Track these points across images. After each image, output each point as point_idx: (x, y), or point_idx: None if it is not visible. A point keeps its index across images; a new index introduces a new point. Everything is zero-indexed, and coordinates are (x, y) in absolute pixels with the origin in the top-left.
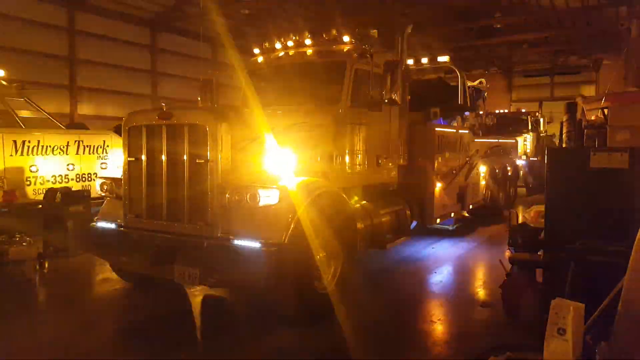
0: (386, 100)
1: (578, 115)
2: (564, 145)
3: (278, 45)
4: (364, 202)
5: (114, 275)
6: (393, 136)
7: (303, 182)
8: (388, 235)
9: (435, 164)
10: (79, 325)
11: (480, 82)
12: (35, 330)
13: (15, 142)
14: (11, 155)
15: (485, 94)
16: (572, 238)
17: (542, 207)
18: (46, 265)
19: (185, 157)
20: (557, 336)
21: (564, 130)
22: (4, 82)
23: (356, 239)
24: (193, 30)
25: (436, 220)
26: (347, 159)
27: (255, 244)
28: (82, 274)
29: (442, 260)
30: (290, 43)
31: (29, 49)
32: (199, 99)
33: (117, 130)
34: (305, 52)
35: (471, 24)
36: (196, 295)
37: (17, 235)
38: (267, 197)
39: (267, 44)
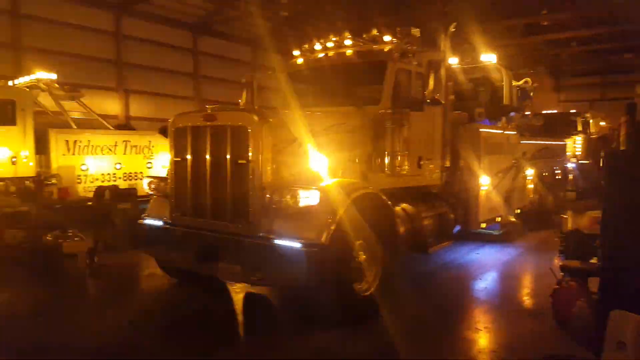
0: (428, 100)
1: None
2: (621, 148)
3: (317, 47)
4: (405, 204)
5: (159, 271)
6: (436, 137)
7: (343, 183)
8: (430, 239)
9: (480, 166)
10: (125, 318)
11: (526, 82)
12: (83, 322)
13: (67, 142)
14: (64, 155)
15: (532, 93)
16: (633, 245)
17: (597, 213)
18: (96, 259)
19: (227, 158)
20: (616, 350)
21: (622, 132)
22: (56, 85)
23: (397, 242)
24: (233, 33)
25: (481, 225)
26: (387, 160)
27: (295, 244)
28: (129, 269)
29: (487, 266)
30: (329, 44)
31: (79, 53)
32: (240, 101)
33: (162, 131)
34: (345, 53)
35: (516, 21)
36: (237, 293)
37: (69, 231)
38: (308, 198)
39: (306, 46)
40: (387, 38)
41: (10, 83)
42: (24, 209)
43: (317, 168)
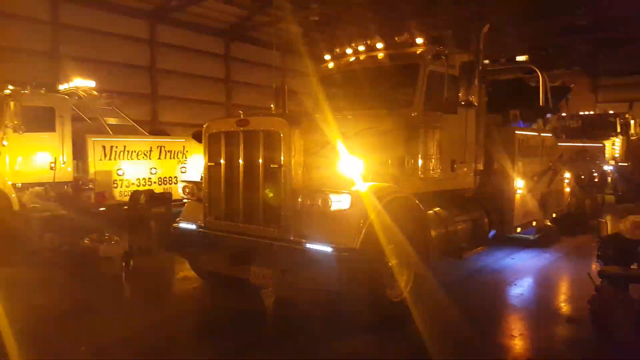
0: (462, 103)
1: None
2: None
3: (349, 50)
4: (438, 208)
5: (193, 274)
6: (469, 140)
7: (375, 187)
8: (464, 244)
9: (515, 169)
10: (159, 320)
11: (563, 83)
12: (118, 323)
13: (104, 147)
14: (100, 160)
15: (568, 95)
16: None
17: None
18: (131, 262)
19: (260, 162)
20: None
21: None
22: (95, 92)
23: (430, 246)
24: (264, 38)
25: (516, 229)
26: (420, 163)
27: (327, 249)
28: (164, 271)
29: (522, 272)
30: (361, 47)
31: (114, 61)
32: (272, 105)
33: (195, 136)
34: (376, 56)
35: (552, 21)
36: (269, 296)
37: (106, 234)
38: (339, 202)
39: (337, 50)
40: (419, 40)
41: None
42: (63, 213)
43: (348, 172)
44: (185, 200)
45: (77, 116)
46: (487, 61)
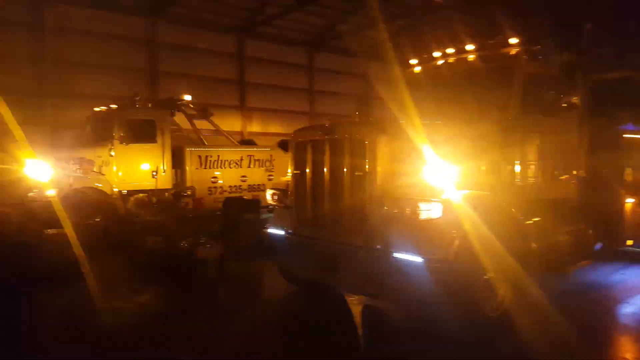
0: (563, 105)
1: None
2: None
3: (437, 54)
4: (538, 219)
5: (281, 279)
6: (571, 145)
7: (468, 195)
8: (566, 257)
9: (625, 176)
10: (250, 323)
11: None
12: (212, 324)
13: (200, 157)
14: (197, 169)
15: None
16: None
17: None
18: (225, 266)
19: (345, 170)
20: None
21: None
22: (191, 106)
23: (529, 260)
24: (347, 47)
25: (627, 242)
26: (516, 170)
27: (417, 259)
28: (254, 275)
29: (635, 289)
30: (450, 50)
31: (206, 75)
32: (357, 113)
33: (281, 145)
34: (467, 59)
35: None
36: (356, 304)
37: (202, 238)
38: (429, 211)
39: (425, 54)
40: (513, 40)
41: None
42: (163, 218)
43: (439, 180)
44: (274, 207)
45: (176, 128)
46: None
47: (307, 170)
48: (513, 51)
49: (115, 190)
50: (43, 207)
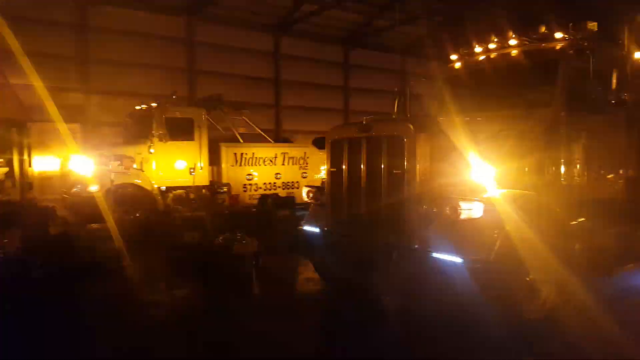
0: (612, 102)
1: None
2: None
3: (478, 49)
4: (583, 219)
5: (316, 276)
6: (619, 143)
7: (510, 194)
8: (613, 259)
9: None
10: (284, 318)
11: None
12: (246, 319)
13: (235, 154)
14: (232, 166)
15: None
16: None
17: None
18: (260, 261)
19: (383, 168)
20: None
21: None
22: (227, 104)
23: (573, 261)
24: (384, 43)
25: None
26: (561, 169)
27: (456, 259)
28: (289, 272)
29: None
30: (492, 45)
31: (242, 74)
32: (395, 110)
33: (315, 143)
34: (509, 54)
35: None
36: (392, 304)
37: (238, 234)
38: (470, 210)
39: (465, 49)
40: (558, 35)
41: None
42: (200, 214)
43: (479, 178)
44: (309, 204)
45: (212, 126)
46: None
47: (344, 167)
48: (558, 46)
49: (155, 186)
50: (86, 202)
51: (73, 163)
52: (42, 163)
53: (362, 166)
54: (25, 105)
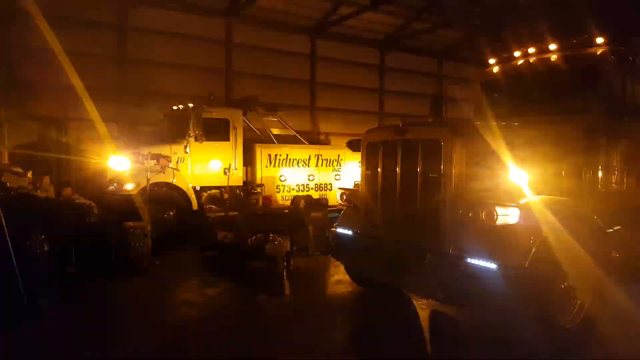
0: None
1: None
2: None
3: (517, 53)
4: (620, 227)
5: (347, 278)
6: None
7: (547, 200)
8: None
9: None
10: (314, 320)
11: None
12: (276, 320)
13: (269, 155)
14: (266, 167)
15: None
16: None
17: None
18: (292, 263)
19: (418, 171)
20: None
21: None
22: (263, 105)
23: (610, 268)
24: (420, 46)
25: None
26: (600, 175)
27: (491, 265)
28: (321, 273)
29: None
30: (531, 50)
31: (278, 75)
32: (431, 113)
33: (350, 145)
34: (549, 58)
35: None
36: (423, 309)
37: (270, 235)
38: (506, 216)
39: (504, 53)
40: (599, 40)
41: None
42: (234, 214)
43: (516, 183)
44: (343, 207)
45: (247, 127)
46: None
47: (379, 170)
48: (599, 51)
49: (190, 186)
50: (122, 200)
51: (110, 162)
52: (80, 161)
53: (397, 169)
54: (65, 104)
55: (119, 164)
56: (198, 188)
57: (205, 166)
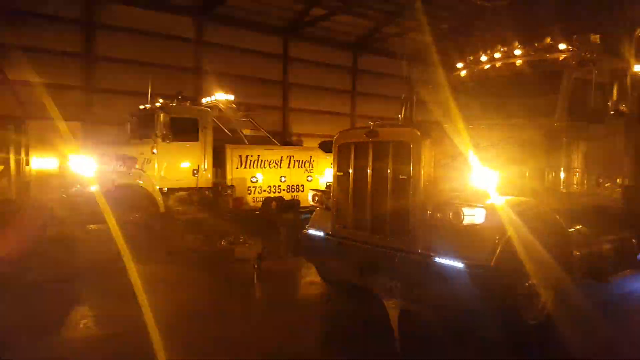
0: (611, 112)
1: None
2: None
3: (483, 58)
4: (581, 226)
5: (319, 279)
6: (617, 152)
7: (511, 201)
8: (609, 266)
9: None
10: (285, 323)
11: None
12: (246, 323)
13: (240, 156)
14: (237, 168)
15: None
16: None
17: None
18: (262, 265)
19: (389, 173)
20: None
21: None
22: (233, 105)
23: (572, 267)
24: (392, 49)
25: None
26: (561, 177)
27: (458, 264)
28: (292, 275)
29: None
30: (497, 54)
31: (250, 75)
32: (400, 116)
33: (322, 146)
34: (514, 63)
35: None
36: (392, 308)
37: (241, 237)
38: (472, 216)
39: (471, 57)
40: (562, 46)
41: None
42: (203, 216)
43: (482, 184)
44: (314, 208)
45: (217, 127)
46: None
47: (350, 172)
48: (562, 57)
49: (157, 187)
50: (86, 202)
51: (73, 162)
52: (41, 162)
53: (368, 170)
54: (24, 102)
55: (82, 165)
56: (166, 190)
57: (173, 167)
